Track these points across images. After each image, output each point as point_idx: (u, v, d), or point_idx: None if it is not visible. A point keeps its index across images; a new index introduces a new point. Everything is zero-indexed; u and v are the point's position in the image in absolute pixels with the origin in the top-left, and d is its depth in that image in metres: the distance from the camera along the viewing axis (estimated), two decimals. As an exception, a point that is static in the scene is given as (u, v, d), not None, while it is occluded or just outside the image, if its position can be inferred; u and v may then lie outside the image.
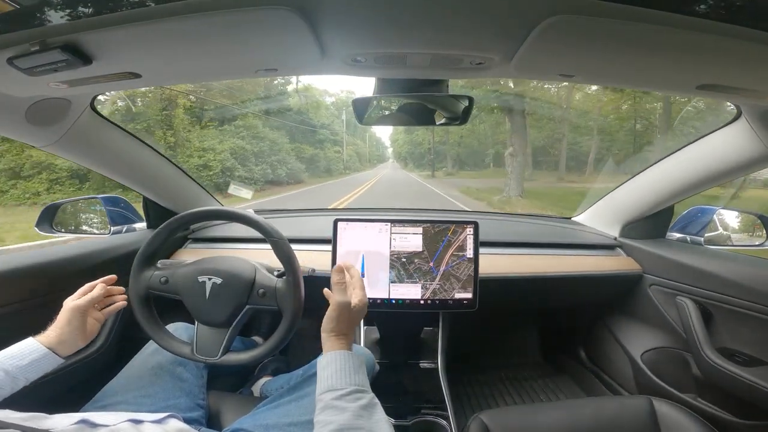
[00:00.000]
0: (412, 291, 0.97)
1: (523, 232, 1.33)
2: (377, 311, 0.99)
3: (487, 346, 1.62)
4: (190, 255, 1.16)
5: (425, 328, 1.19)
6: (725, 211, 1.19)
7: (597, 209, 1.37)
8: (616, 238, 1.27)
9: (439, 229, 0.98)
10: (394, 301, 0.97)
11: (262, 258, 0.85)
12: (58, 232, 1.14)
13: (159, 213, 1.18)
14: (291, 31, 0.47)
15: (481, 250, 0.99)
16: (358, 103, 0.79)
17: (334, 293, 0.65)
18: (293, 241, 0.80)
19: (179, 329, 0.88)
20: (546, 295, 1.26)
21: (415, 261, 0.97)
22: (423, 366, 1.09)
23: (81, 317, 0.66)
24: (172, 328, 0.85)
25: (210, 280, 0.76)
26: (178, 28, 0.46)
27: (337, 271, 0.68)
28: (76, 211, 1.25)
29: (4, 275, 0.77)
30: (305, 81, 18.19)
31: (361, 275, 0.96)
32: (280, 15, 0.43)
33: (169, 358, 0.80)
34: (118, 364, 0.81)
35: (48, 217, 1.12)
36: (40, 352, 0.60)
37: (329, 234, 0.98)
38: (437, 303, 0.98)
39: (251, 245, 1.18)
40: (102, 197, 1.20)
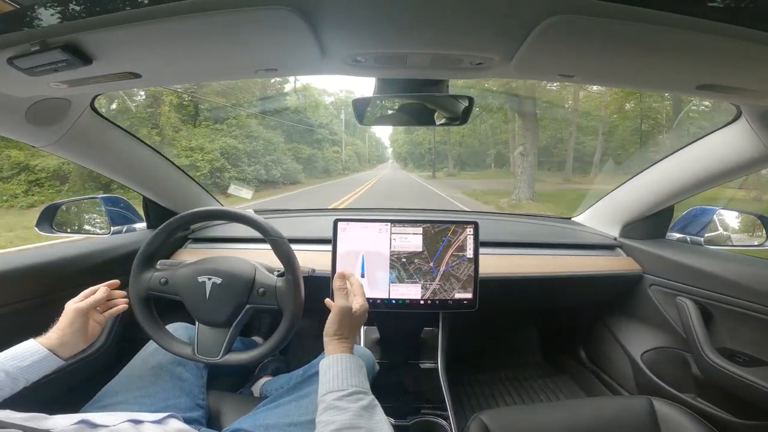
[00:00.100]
0: (412, 291, 0.97)
1: (523, 232, 1.33)
2: (377, 311, 0.99)
3: (487, 346, 1.62)
4: (190, 255, 1.16)
5: (425, 328, 1.19)
6: (725, 211, 1.19)
7: (597, 209, 1.37)
8: (616, 239, 1.27)
9: (439, 229, 0.98)
10: (394, 302, 0.97)
11: (262, 258, 0.85)
12: (58, 232, 1.14)
13: (159, 213, 1.18)
14: (291, 31, 0.47)
15: (481, 250, 0.99)
16: (358, 103, 0.79)
17: (337, 298, 0.68)
18: (293, 241, 0.80)
19: (179, 329, 0.88)
20: (546, 295, 1.26)
21: (415, 261, 0.97)
22: (423, 366, 1.09)
23: (83, 319, 0.67)
24: (172, 329, 0.85)
25: (210, 280, 0.76)
26: (178, 28, 0.46)
27: (339, 277, 0.72)
28: (76, 212, 1.25)
29: (4, 275, 0.77)
30: (303, 80, 17.79)
31: (361, 275, 0.96)
32: (280, 15, 0.43)
33: (169, 358, 0.80)
34: (118, 364, 0.81)
35: (48, 217, 1.12)
36: (41, 354, 0.60)
37: (329, 234, 0.98)
38: (437, 303, 0.98)
39: (251, 245, 1.18)
40: (102, 197, 1.20)
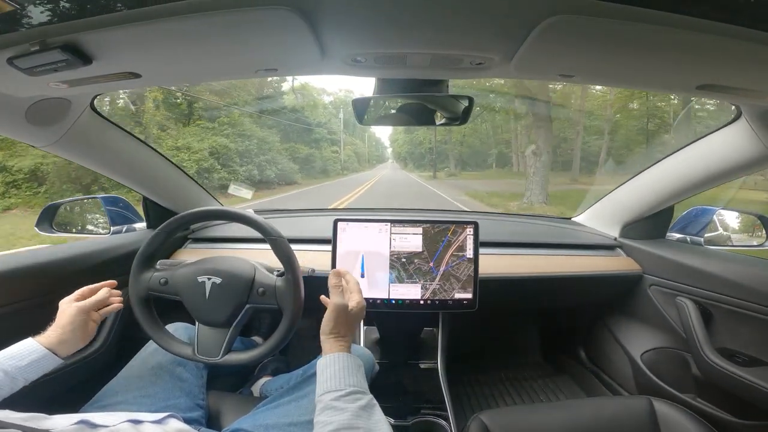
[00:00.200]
0: (412, 291, 0.97)
1: (523, 232, 1.33)
2: (377, 311, 0.99)
3: (487, 346, 1.62)
4: (189, 255, 1.16)
5: (425, 328, 1.19)
6: (725, 211, 1.19)
7: (597, 209, 1.37)
8: (616, 239, 1.27)
9: (439, 229, 0.98)
10: (393, 302, 0.97)
11: (262, 258, 0.85)
12: (58, 232, 1.14)
13: (159, 213, 1.18)
14: (291, 31, 0.47)
15: (481, 250, 0.99)
16: (358, 103, 0.79)
17: (332, 296, 0.67)
18: (293, 241, 0.80)
19: (179, 329, 0.88)
20: (546, 295, 1.26)
21: (415, 261, 0.97)
22: (423, 366, 1.09)
23: (84, 318, 0.66)
24: (171, 329, 0.84)
25: (209, 280, 0.76)
26: (178, 28, 0.46)
27: (335, 275, 0.71)
28: (75, 211, 1.25)
29: (4, 275, 0.77)
30: (302, 79, 17.43)
31: (361, 275, 0.96)
32: (280, 15, 0.43)
33: (169, 358, 0.80)
34: (118, 364, 0.81)
35: (48, 217, 1.12)
36: (39, 353, 0.60)
37: (329, 234, 0.98)
38: (437, 303, 0.98)
39: (251, 245, 1.18)
40: (102, 197, 1.20)
